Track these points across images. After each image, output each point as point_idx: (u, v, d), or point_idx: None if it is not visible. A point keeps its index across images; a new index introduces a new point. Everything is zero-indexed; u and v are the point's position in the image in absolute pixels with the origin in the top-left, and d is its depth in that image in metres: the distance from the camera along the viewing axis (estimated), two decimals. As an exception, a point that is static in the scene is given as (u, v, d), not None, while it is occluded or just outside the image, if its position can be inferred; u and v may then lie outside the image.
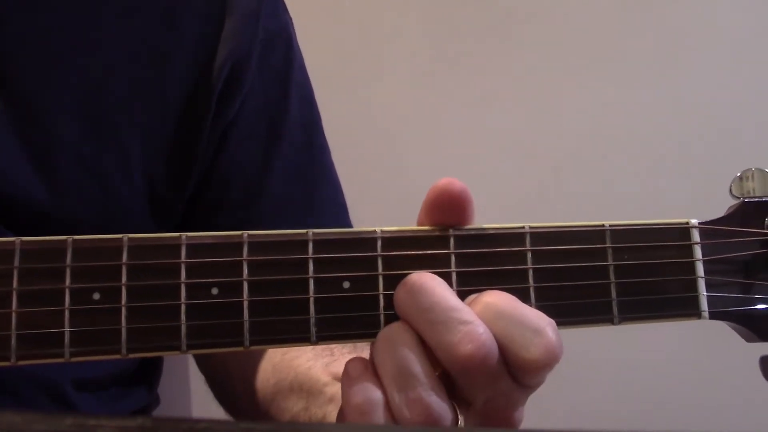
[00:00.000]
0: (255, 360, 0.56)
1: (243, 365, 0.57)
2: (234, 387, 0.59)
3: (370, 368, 0.35)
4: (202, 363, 0.61)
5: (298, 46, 0.60)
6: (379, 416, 0.34)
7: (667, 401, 0.89)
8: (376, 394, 0.34)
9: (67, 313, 0.35)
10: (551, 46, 0.93)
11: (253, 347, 0.36)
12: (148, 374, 0.60)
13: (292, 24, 0.60)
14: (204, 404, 0.59)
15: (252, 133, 0.56)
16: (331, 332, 0.36)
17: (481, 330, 0.34)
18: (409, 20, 0.94)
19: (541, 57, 0.93)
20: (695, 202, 0.85)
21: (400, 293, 0.36)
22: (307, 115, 0.59)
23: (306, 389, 0.48)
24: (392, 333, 0.35)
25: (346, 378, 0.36)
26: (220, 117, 0.54)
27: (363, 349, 0.49)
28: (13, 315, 0.35)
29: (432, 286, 0.35)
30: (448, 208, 0.37)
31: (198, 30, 0.53)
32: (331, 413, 0.45)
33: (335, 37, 0.92)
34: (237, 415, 0.59)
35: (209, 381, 0.62)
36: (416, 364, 0.34)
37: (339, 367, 0.47)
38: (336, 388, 0.46)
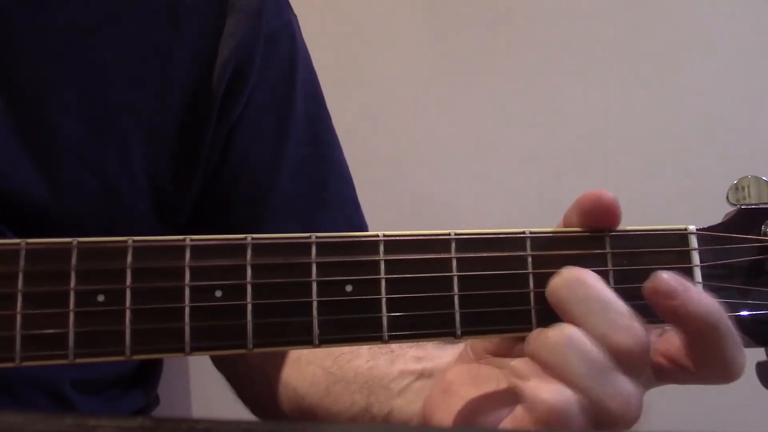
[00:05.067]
0: (280, 361, 0.55)
1: (269, 367, 0.56)
2: (260, 391, 0.57)
3: (541, 369, 0.35)
4: (221, 364, 0.60)
5: (303, 43, 0.60)
6: (575, 414, 0.34)
7: (665, 404, 0.90)
8: (568, 392, 0.34)
9: (71, 315, 0.35)
10: (553, 47, 0.93)
11: (257, 350, 0.36)
12: (147, 375, 0.60)
13: (297, 21, 0.60)
14: (204, 404, 0.59)
15: (259, 130, 0.56)
16: (333, 335, 0.37)
17: (637, 324, 0.35)
18: (410, 21, 0.94)
19: (542, 59, 0.93)
20: (693, 208, 0.85)
21: (557, 283, 0.36)
22: (314, 111, 0.59)
23: (368, 387, 0.48)
24: (571, 334, 0.35)
25: (522, 380, 0.35)
26: (226, 115, 0.54)
27: (423, 347, 0.48)
28: (18, 316, 0.35)
29: (588, 278, 0.36)
30: (601, 217, 0.38)
31: (199, 28, 0.53)
32: (401, 407, 0.45)
33: (335, 38, 0.92)
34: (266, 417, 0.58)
35: (230, 381, 0.61)
36: (604, 358, 0.34)
37: (405, 363, 0.47)
38: (405, 383, 0.46)
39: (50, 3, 0.49)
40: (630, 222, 0.39)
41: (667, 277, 0.36)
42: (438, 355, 0.45)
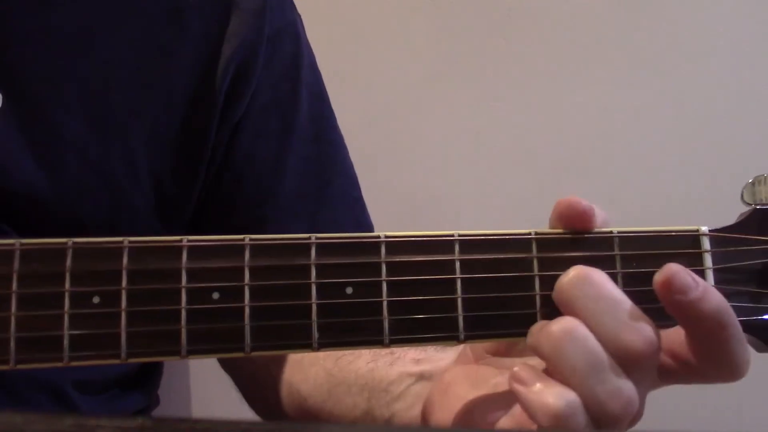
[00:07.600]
0: (284, 362, 0.55)
1: (275, 368, 0.55)
2: (266, 393, 0.57)
3: (541, 371, 0.35)
4: (229, 366, 0.60)
5: (307, 43, 0.60)
6: (580, 417, 0.33)
7: (672, 408, 0.89)
8: (572, 396, 0.33)
9: (66, 316, 0.34)
10: (554, 47, 0.92)
11: (254, 353, 0.35)
12: (148, 376, 0.60)
13: (301, 21, 0.60)
14: (204, 404, 0.59)
15: (263, 130, 0.56)
16: (333, 338, 0.36)
17: (647, 325, 0.34)
18: (411, 22, 0.93)
19: (543, 58, 0.92)
20: (705, 208, 0.84)
21: (564, 282, 0.35)
22: (318, 110, 0.59)
23: (368, 390, 0.47)
24: (573, 329, 0.34)
25: (523, 386, 0.34)
26: (229, 114, 0.54)
27: (423, 349, 0.47)
28: (13, 318, 0.34)
29: (597, 277, 0.35)
30: (576, 220, 0.38)
31: (203, 28, 0.53)
32: (401, 411, 0.44)
33: (337, 38, 0.92)
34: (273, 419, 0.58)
35: (237, 383, 0.60)
36: (605, 355, 0.34)
37: (404, 365, 0.46)
38: (404, 386, 0.45)
39: (53, 2, 0.49)
40: (636, 222, 0.38)
41: (679, 271, 0.34)
42: (438, 357, 0.44)
